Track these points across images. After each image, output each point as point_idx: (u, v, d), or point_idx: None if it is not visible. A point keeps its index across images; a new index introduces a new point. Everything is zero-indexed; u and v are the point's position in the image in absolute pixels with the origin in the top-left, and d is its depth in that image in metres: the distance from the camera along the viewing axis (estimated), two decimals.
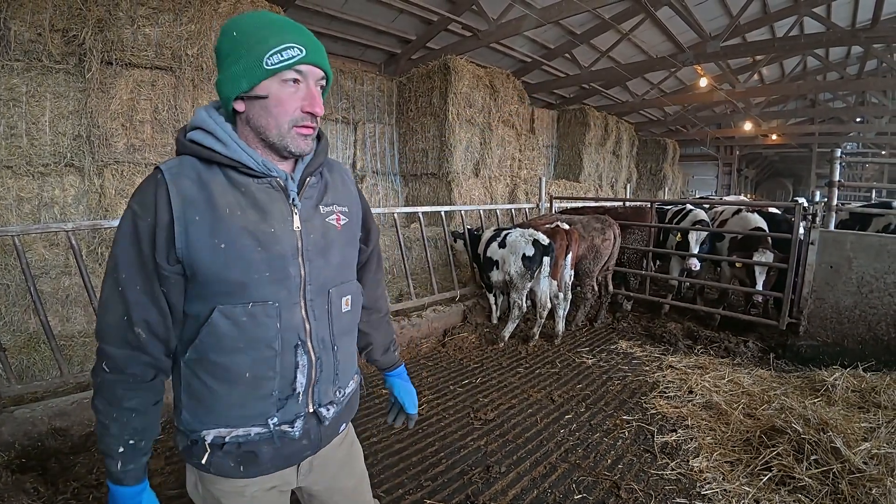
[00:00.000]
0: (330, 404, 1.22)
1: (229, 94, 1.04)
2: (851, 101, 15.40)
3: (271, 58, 1.00)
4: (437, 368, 4.18)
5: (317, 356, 1.16)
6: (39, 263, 4.15)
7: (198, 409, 1.10)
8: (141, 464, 1.09)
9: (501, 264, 4.70)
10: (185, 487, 1.23)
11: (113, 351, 1.03)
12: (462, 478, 2.63)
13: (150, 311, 1.03)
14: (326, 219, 1.18)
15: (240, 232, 1.04)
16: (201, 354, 1.07)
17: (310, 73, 1.06)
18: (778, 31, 9.95)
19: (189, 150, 1.06)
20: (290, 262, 1.10)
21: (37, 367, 3.64)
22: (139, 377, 1.05)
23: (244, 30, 1.03)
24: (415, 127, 8.22)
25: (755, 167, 29.34)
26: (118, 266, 1.02)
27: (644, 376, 3.96)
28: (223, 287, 1.04)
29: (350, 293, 1.26)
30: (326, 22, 7.83)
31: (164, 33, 4.52)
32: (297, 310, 1.12)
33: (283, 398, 1.12)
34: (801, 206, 4.35)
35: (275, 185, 1.10)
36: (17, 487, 2.34)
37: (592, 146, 12.17)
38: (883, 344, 3.93)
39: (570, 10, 6.90)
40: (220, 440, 1.09)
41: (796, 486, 2.43)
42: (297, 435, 1.15)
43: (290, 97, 1.05)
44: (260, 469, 1.14)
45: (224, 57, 1.05)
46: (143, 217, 1.00)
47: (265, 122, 1.05)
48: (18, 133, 4.12)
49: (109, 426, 1.04)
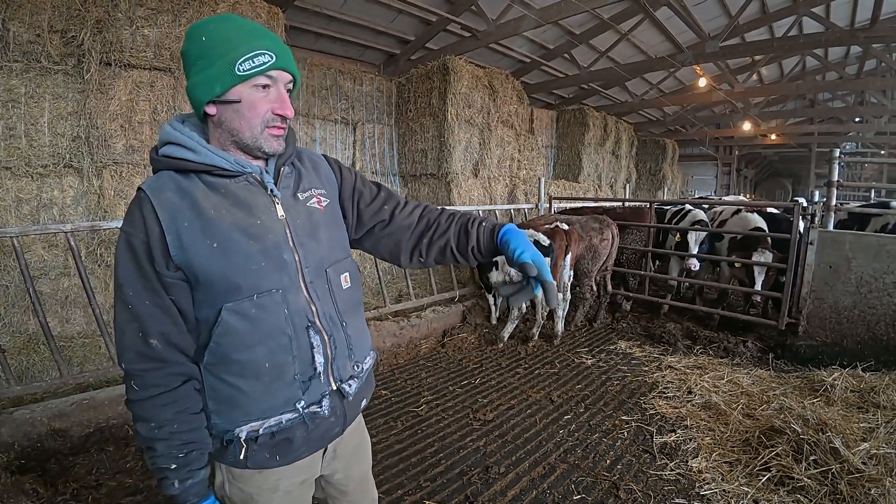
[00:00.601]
0: (351, 379, 1.25)
1: (202, 99, 1.06)
2: (850, 101, 15.39)
3: (243, 64, 1.03)
4: (437, 369, 4.18)
5: (328, 334, 1.19)
6: (38, 264, 4.15)
7: (227, 411, 1.12)
8: (200, 478, 1.10)
9: (501, 265, 4.64)
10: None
11: (135, 368, 1.05)
12: (461, 478, 2.64)
13: (163, 321, 1.06)
14: (307, 203, 1.22)
15: (230, 229, 1.07)
16: (220, 356, 1.09)
17: (279, 77, 1.09)
18: (777, 31, 9.94)
19: (163, 165, 1.10)
20: (283, 249, 1.13)
21: (36, 369, 3.64)
22: (166, 387, 1.06)
23: (213, 35, 1.05)
24: (414, 127, 8.21)
25: (754, 167, 29.34)
26: (123, 286, 1.04)
27: (643, 376, 3.96)
28: (226, 285, 1.06)
29: (347, 270, 1.29)
30: (325, 22, 7.82)
31: (162, 34, 4.51)
32: (300, 293, 1.15)
33: (305, 380, 1.16)
34: (800, 206, 4.35)
35: (251, 181, 1.14)
36: (17, 488, 2.34)
37: (591, 146, 12.17)
38: (882, 344, 3.94)
39: (569, 10, 6.90)
40: (254, 434, 1.11)
41: (795, 487, 2.43)
42: (326, 413, 1.18)
43: (261, 101, 1.08)
44: (295, 454, 1.18)
45: (193, 62, 1.06)
46: (134, 234, 1.03)
47: (238, 125, 1.08)
48: (17, 134, 4.12)
49: (156, 447, 1.05)
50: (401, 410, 3.42)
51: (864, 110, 14.92)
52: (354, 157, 8.16)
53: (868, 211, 5.45)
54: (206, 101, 1.06)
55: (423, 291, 5.60)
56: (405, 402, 3.55)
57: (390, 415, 3.35)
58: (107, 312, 4.36)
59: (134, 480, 2.58)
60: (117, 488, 2.51)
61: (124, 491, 2.49)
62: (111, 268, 4.46)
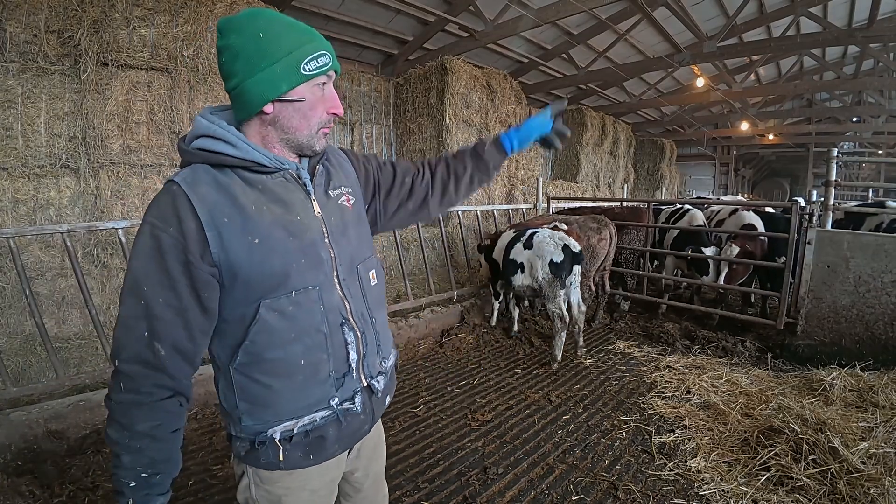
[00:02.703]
0: (379, 375, 1.27)
1: (266, 97, 1.04)
2: (848, 101, 15.41)
3: (308, 64, 1.05)
4: (435, 369, 4.17)
5: (361, 331, 1.20)
6: (35, 265, 4.13)
7: (259, 412, 1.10)
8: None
9: (527, 268, 4.26)
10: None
11: (129, 368, 0.99)
12: (459, 479, 2.63)
13: (174, 325, 1.00)
14: (338, 201, 1.24)
15: (271, 225, 1.06)
16: (255, 355, 1.07)
17: (332, 77, 1.13)
18: (774, 32, 9.95)
19: (198, 158, 1.07)
20: (320, 246, 1.14)
21: (32, 370, 3.62)
22: (153, 395, 1.00)
23: (271, 32, 1.03)
24: (412, 128, 8.21)
25: (752, 167, 29.37)
26: (139, 281, 0.99)
27: (642, 376, 3.96)
28: (265, 281, 1.06)
29: (373, 267, 1.32)
30: (323, 23, 7.81)
31: (159, 34, 4.50)
32: (335, 290, 1.16)
33: (339, 377, 1.16)
34: (798, 206, 4.36)
35: (288, 178, 1.13)
36: (13, 490, 2.33)
37: (590, 146, 12.19)
38: (880, 343, 3.94)
39: (567, 10, 6.89)
40: (288, 433, 1.11)
41: (794, 486, 2.43)
42: (359, 409, 1.20)
43: (320, 101, 1.10)
44: (327, 453, 1.18)
45: (250, 58, 1.02)
46: (164, 229, 0.98)
47: (297, 123, 1.09)
48: (14, 134, 4.10)
49: (122, 456, 0.99)
50: (399, 411, 3.41)
51: (862, 110, 14.94)
52: None
53: (863, 210, 5.46)
54: (270, 98, 1.04)
55: (422, 292, 5.59)
56: (403, 403, 3.54)
57: (388, 415, 3.34)
58: (103, 314, 4.36)
59: None
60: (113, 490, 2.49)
61: None
62: (108, 269, 4.45)
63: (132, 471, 1.00)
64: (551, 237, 4.21)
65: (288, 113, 1.07)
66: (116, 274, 4.48)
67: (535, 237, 4.27)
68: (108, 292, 4.47)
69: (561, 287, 4.10)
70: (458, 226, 6.80)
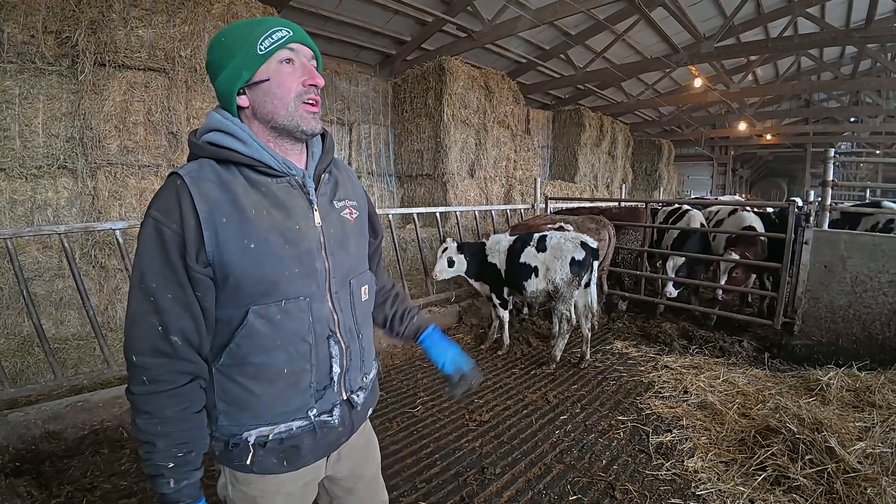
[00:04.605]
0: (360, 390, 1.27)
1: (232, 89, 1.06)
2: (846, 101, 15.47)
3: (263, 42, 1.05)
4: (433, 370, 4.17)
5: (346, 345, 1.20)
6: (33, 266, 4.12)
7: (237, 413, 1.11)
8: (195, 479, 1.07)
9: (543, 271, 4.09)
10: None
11: (147, 361, 1.01)
12: (457, 479, 2.63)
13: (183, 318, 1.02)
14: (341, 213, 1.23)
15: (268, 230, 1.06)
16: (238, 358, 1.08)
17: (300, 50, 1.10)
18: (772, 32, 9.99)
19: (206, 153, 1.07)
20: (315, 256, 1.13)
21: (30, 371, 3.62)
22: (175, 382, 1.03)
23: (232, 34, 1.08)
24: (410, 128, 8.22)
25: (750, 167, 29.44)
26: (146, 276, 1.00)
27: (639, 376, 3.97)
28: (256, 287, 1.06)
29: (367, 282, 1.31)
30: (321, 23, 7.81)
31: (157, 35, 4.50)
32: (325, 302, 1.16)
33: (320, 389, 1.16)
34: (796, 206, 4.37)
35: (293, 184, 1.13)
36: (11, 491, 2.33)
37: (588, 147, 12.20)
38: (877, 343, 3.95)
39: (565, 10, 6.91)
40: (263, 439, 1.11)
41: (791, 486, 2.43)
42: (336, 423, 1.19)
43: (290, 75, 1.08)
44: (302, 461, 1.18)
45: (218, 63, 1.07)
46: (166, 224, 0.99)
47: (272, 106, 1.08)
48: (11, 135, 4.10)
49: (156, 442, 1.02)
50: (396, 411, 3.41)
51: (860, 110, 14.98)
52: (350, 158, 8.16)
53: (859, 210, 5.47)
54: (236, 89, 1.06)
55: (420, 292, 5.59)
56: (401, 403, 3.54)
57: (386, 416, 3.34)
58: (101, 314, 4.36)
59: (128, 483, 2.56)
60: (112, 491, 2.50)
61: (119, 493, 2.48)
62: (105, 269, 4.44)
63: (168, 453, 1.02)
64: (565, 237, 4.13)
65: (259, 98, 1.07)
66: (114, 274, 4.47)
67: (548, 240, 4.14)
68: (105, 293, 4.46)
69: (577, 286, 4.05)
70: (455, 226, 6.81)
